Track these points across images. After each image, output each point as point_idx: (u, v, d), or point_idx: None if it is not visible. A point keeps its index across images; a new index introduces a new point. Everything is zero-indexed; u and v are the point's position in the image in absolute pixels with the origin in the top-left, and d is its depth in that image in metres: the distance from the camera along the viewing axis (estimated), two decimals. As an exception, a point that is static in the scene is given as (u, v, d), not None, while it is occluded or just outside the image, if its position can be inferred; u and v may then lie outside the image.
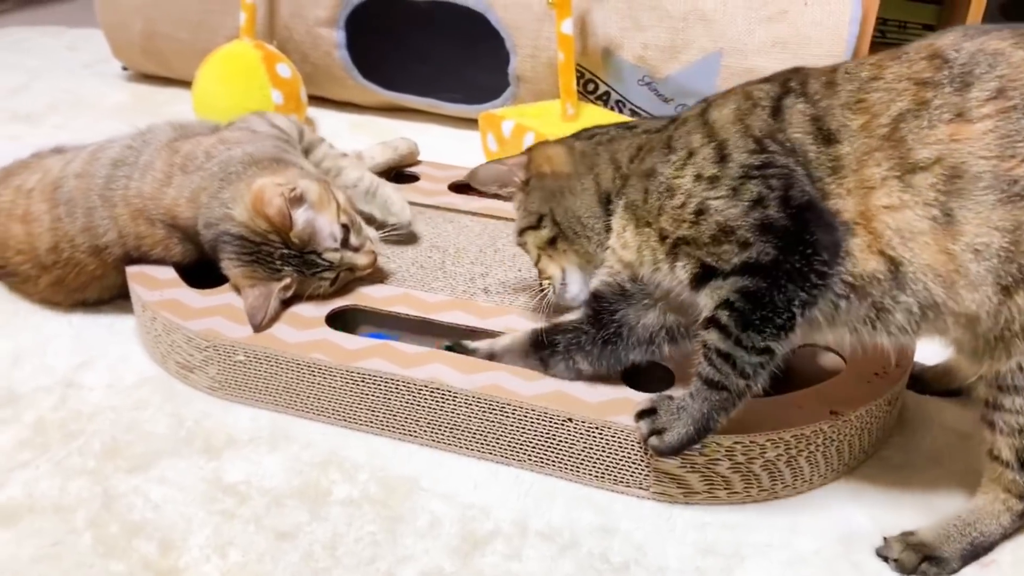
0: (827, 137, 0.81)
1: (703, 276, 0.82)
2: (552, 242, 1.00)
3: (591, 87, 1.74)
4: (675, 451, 0.85)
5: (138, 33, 2.02)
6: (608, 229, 0.95)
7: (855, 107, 0.81)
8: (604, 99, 1.74)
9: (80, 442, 1.00)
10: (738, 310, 0.79)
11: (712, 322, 0.81)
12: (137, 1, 1.97)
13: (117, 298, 1.22)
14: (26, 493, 0.93)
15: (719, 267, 0.80)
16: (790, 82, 0.86)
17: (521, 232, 1.04)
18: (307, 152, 1.30)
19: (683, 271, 0.84)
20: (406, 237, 1.27)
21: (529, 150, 1.05)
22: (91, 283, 1.18)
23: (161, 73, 2.13)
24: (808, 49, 1.56)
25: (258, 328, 1.03)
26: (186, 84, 1.90)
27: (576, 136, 1.04)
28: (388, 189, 1.27)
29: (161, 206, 1.11)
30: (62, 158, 1.24)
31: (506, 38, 1.73)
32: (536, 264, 1.04)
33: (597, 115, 1.64)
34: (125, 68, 2.23)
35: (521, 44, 1.72)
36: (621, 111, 1.74)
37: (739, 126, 0.84)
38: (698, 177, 0.83)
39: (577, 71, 1.66)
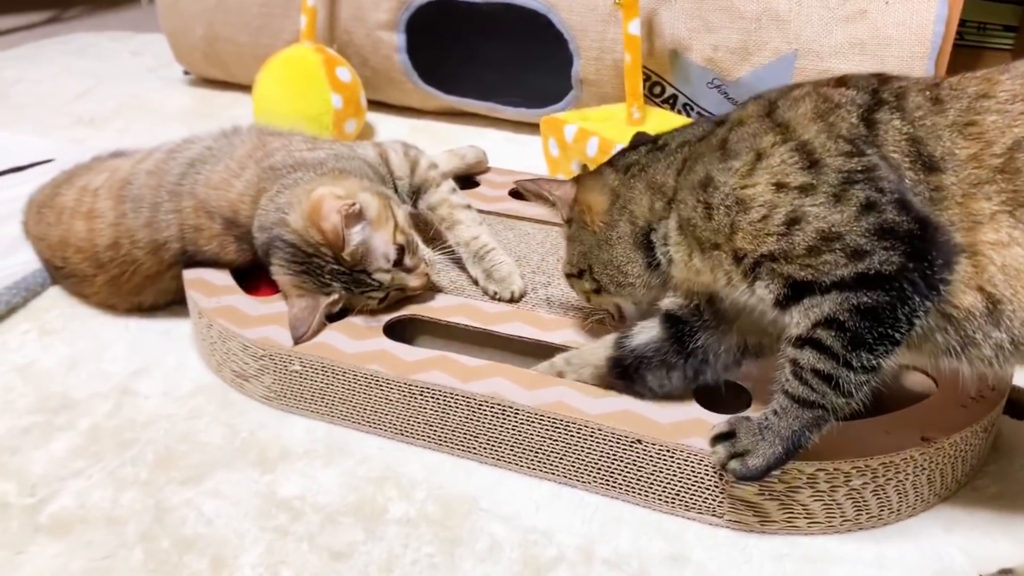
0: (928, 164, 0.73)
1: (793, 294, 0.74)
2: (597, 291, 0.97)
3: (657, 90, 1.68)
4: (760, 475, 0.79)
5: (200, 38, 2.03)
6: (656, 266, 0.88)
7: (965, 132, 0.73)
8: (671, 102, 1.69)
9: (134, 451, 0.98)
10: (848, 329, 0.71)
11: (808, 342, 0.74)
12: (199, 6, 1.98)
13: (173, 304, 1.20)
14: (78, 503, 0.91)
15: (816, 281, 0.72)
16: (881, 92, 0.78)
17: (567, 276, 1.00)
18: (418, 192, 1.23)
19: (766, 290, 0.76)
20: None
21: (577, 185, 0.97)
22: (146, 284, 1.16)
23: (222, 77, 2.14)
24: (889, 51, 1.48)
25: (298, 340, 1.00)
26: (247, 88, 1.90)
27: (613, 166, 0.95)
28: (500, 257, 1.15)
29: (224, 198, 1.10)
30: (131, 158, 1.24)
31: (569, 40, 1.68)
32: (587, 302, 1.00)
33: (664, 119, 1.59)
34: (187, 73, 2.24)
35: (585, 46, 1.67)
36: (688, 115, 1.68)
37: (821, 124, 0.76)
38: (781, 185, 0.75)
39: (643, 74, 1.60)
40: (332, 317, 1.05)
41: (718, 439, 0.81)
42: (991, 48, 2.41)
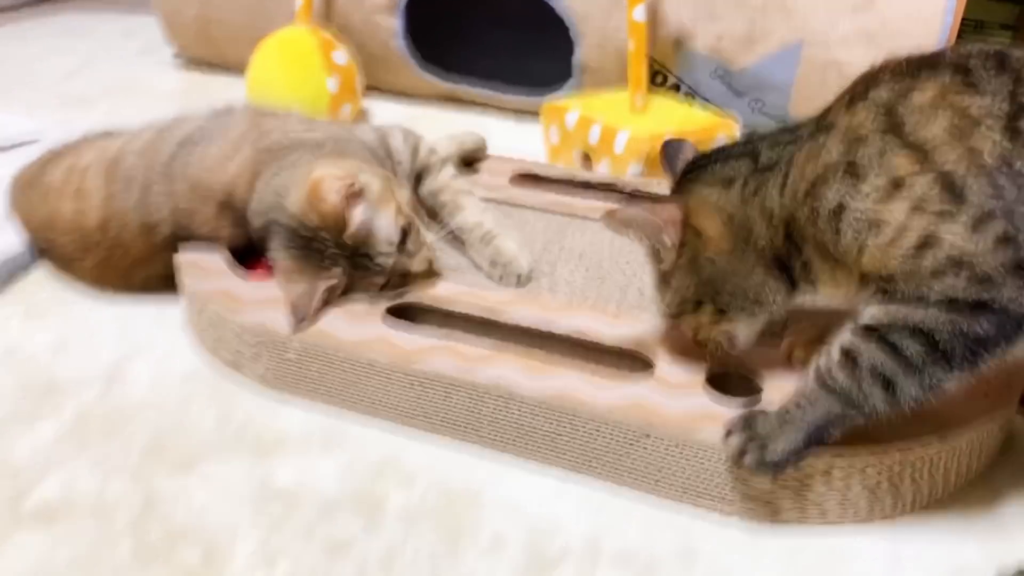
0: None
1: (890, 293, 0.72)
2: (718, 322, 0.87)
3: (660, 79, 1.65)
4: (776, 467, 0.76)
5: (192, 18, 1.98)
6: (795, 286, 0.83)
7: None
8: (673, 92, 1.66)
9: (123, 438, 0.94)
10: (940, 347, 0.70)
11: (881, 340, 0.71)
12: (192, -15, 1.94)
13: (164, 287, 1.16)
14: (64, 493, 0.87)
15: (925, 296, 0.70)
16: (1020, 96, 0.70)
17: (675, 316, 0.90)
18: (421, 176, 1.19)
19: (867, 294, 0.74)
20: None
21: (682, 202, 0.85)
22: (136, 267, 1.12)
23: (215, 60, 2.09)
24: (897, 41, 1.45)
25: (297, 327, 0.96)
26: (240, 71, 1.85)
27: (704, 181, 0.85)
28: (505, 242, 1.11)
29: (219, 180, 1.06)
30: (121, 137, 1.20)
31: (571, 26, 1.65)
32: (695, 339, 0.91)
33: (667, 107, 1.56)
34: (179, 55, 2.20)
35: (587, 32, 1.64)
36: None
37: (962, 151, 0.70)
38: (917, 209, 0.70)
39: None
40: (327, 303, 1.01)
41: (732, 431, 0.79)
42: (990, 46, 2.39)
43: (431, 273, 1.06)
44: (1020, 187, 0.68)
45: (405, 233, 1.01)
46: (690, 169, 0.89)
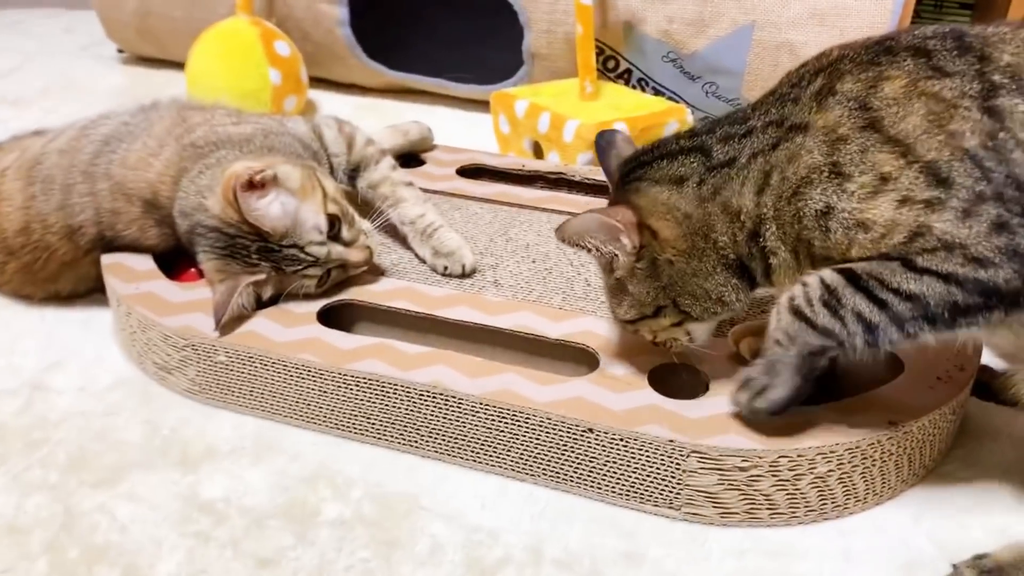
0: None
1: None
2: (679, 324, 0.84)
3: (611, 64, 1.62)
4: (783, 404, 0.78)
5: (132, 13, 1.92)
6: (754, 283, 0.81)
7: None
8: (625, 77, 1.63)
9: (43, 452, 0.90)
10: (928, 311, 0.69)
11: (865, 290, 0.71)
12: (130, -22, 1.87)
13: (93, 291, 1.12)
14: (-22, 511, 0.82)
15: (914, 264, 0.69)
16: (989, 74, 0.69)
17: (632, 322, 0.86)
18: (357, 169, 1.14)
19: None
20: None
21: (632, 203, 0.81)
22: (62, 271, 1.07)
23: (156, 55, 2.04)
24: (848, 21, 1.43)
25: (218, 326, 0.92)
26: (182, 66, 1.80)
27: (654, 180, 0.81)
28: (448, 233, 1.08)
29: (143, 179, 1.01)
30: (43, 137, 1.15)
31: (520, 12, 1.61)
32: (653, 341, 0.87)
33: (618, 94, 1.53)
34: (121, 51, 2.13)
35: (536, 18, 1.61)
36: (644, 90, 1.62)
37: (943, 137, 0.68)
38: (905, 202, 0.69)
39: (596, 47, 1.54)
40: (265, 304, 0.97)
41: (738, 390, 0.80)
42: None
43: (373, 264, 1.02)
44: (1007, 167, 0.67)
45: (337, 221, 0.97)
46: (631, 166, 0.85)
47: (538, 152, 1.48)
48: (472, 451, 0.87)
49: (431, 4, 1.77)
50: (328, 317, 0.97)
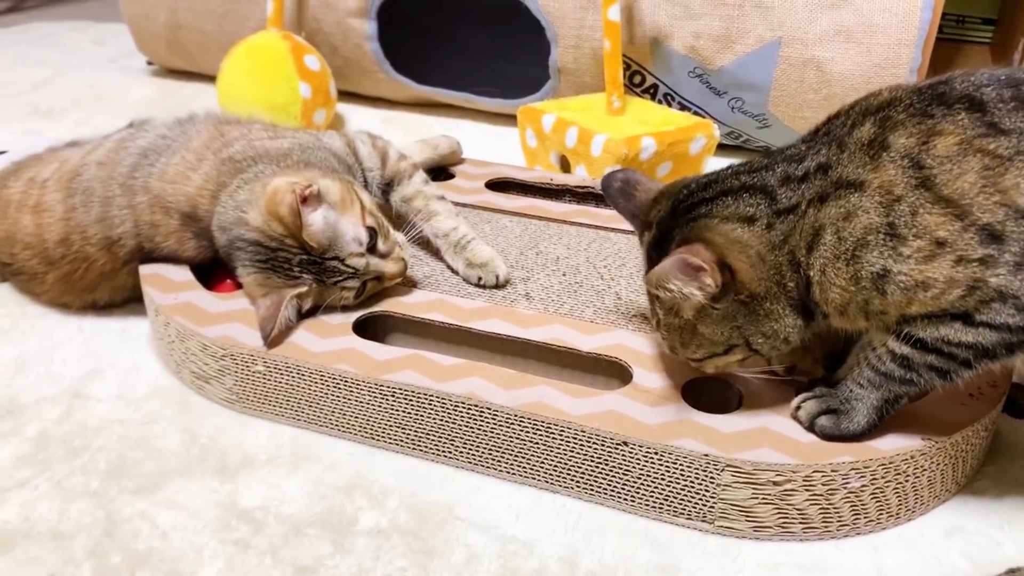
0: None
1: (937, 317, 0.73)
2: (742, 360, 0.84)
3: (637, 79, 1.63)
4: (851, 437, 0.81)
5: (162, 26, 1.95)
6: (812, 320, 0.81)
7: None
8: (651, 92, 1.64)
9: (84, 459, 0.91)
10: (989, 352, 0.73)
11: (934, 350, 0.75)
12: (162, -8, 1.91)
13: (129, 301, 1.14)
14: (23, 516, 0.84)
15: (972, 316, 0.71)
16: None
17: (699, 360, 0.85)
18: (390, 184, 1.16)
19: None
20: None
21: (706, 241, 0.78)
22: (100, 282, 1.09)
23: (186, 67, 2.07)
24: (875, 38, 1.44)
25: (267, 340, 0.93)
26: (212, 79, 1.83)
27: (731, 221, 0.78)
28: (480, 246, 1.09)
29: (182, 193, 1.03)
30: (83, 148, 1.17)
31: (547, 28, 1.63)
32: (710, 371, 0.87)
33: (645, 109, 1.54)
34: (150, 63, 2.16)
35: (563, 34, 1.62)
36: (669, 105, 1.63)
37: (999, 196, 0.68)
38: (961, 262, 0.70)
39: (623, 62, 1.55)
40: (302, 317, 0.98)
41: (803, 404, 0.83)
42: (970, 41, 2.38)
43: (406, 276, 1.03)
44: None
45: (374, 234, 0.98)
46: (688, 202, 0.82)
47: (565, 166, 1.49)
48: (506, 462, 0.88)
49: (458, 19, 1.79)
50: (362, 328, 0.99)
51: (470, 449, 0.89)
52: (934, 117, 0.72)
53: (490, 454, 0.88)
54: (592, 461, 0.84)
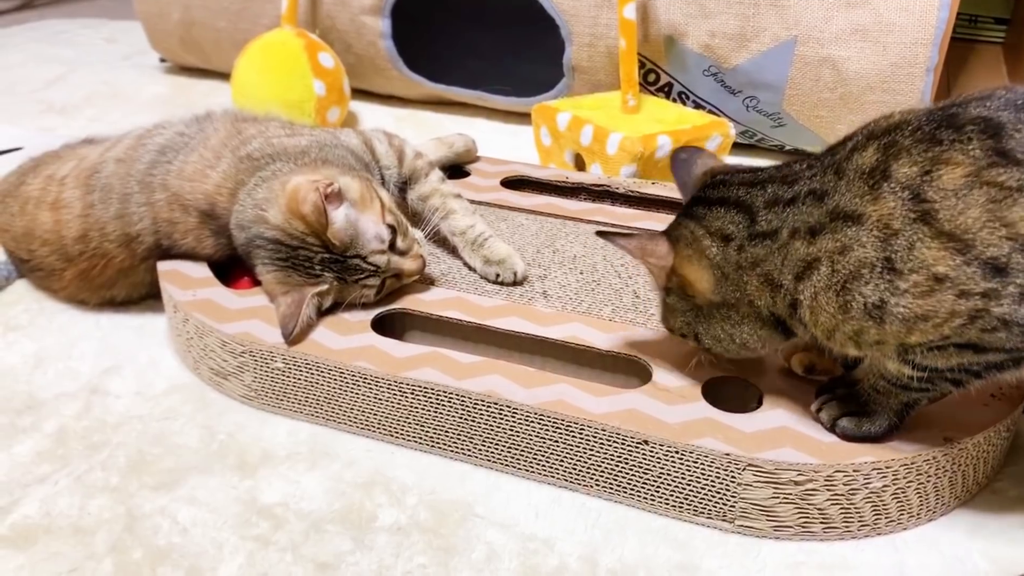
0: None
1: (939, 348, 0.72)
2: (707, 350, 0.86)
3: (652, 77, 1.63)
4: (871, 440, 0.81)
5: (176, 23, 1.95)
6: (790, 334, 0.81)
7: None
8: (666, 91, 1.64)
9: (104, 455, 0.92)
10: (997, 367, 0.73)
11: (945, 378, 0.75)
12: (176, -11, 1.91)
13: (147, 298, 1.14)
14: (43, 512, 0.84)
15: (980, 345, 0.70)
16: None
17: (671, 331, 0.88)
18: (407, 182, 1.16)
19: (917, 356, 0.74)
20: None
21: (672, 252, 0.82)
22: (118, 278, 1.10)
23: (200, 64, 2.07)
24: (891, 36, 1.43)
25: (289, 338, 0.93)
26: (225, 76, 1.83)
27: (704, 227, 0.81)
28: (497, 243, 1.10)
29: (200, 191, 1.03)
30: (101, 145, 1.17)
31: (561, 26, 1.63)
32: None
33: (659, 107, 1.54)
34: (163, 60, 2.17)
35: (578, 32, 1.62)
36: (684, 103, 1.62)
37: (1004, 230, 0.66)
38: (963, 295, 0.67)
39: (638, 61, 1.55)
40: (322, 314, 0.98)
41: (824, 404, 0.83)
42: (983, 41, 2.38)
43: (423, 273, 1.03)
44: None
45: (394, 231, 0.98)
46: (706, 192, 0.84)
47: (580, 164, 1.49)
48: (526, 460, 0.88)
49: (472, 17, 1.79)
50: (379, 326, 0.99)
51: (490, 447, 0.89)
52: (942, 144, 0.68)
53: (510, 452, 0.88)
54: (613, 460, 0.84)
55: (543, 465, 0.88)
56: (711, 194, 0.83)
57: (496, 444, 0.89)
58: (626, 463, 0.84)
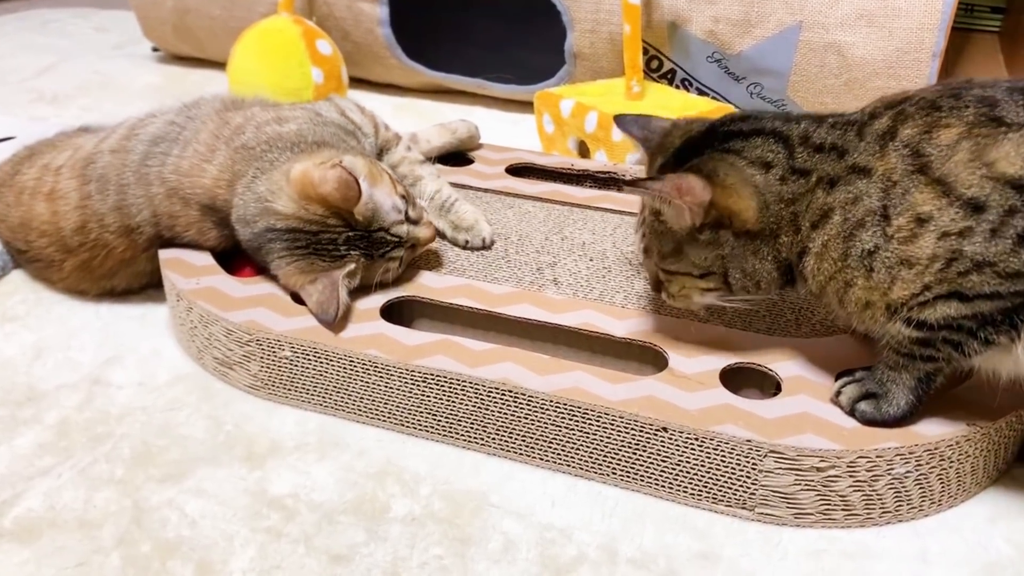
0: None
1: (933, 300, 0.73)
2: (709, 289, 0.86)
3: (655, 64, 1.61)
4: (892, 422, 0.80)
5: (169, 11, 1.92)
6: (791, 283, 0.84)
7: None
8: (669, 77, 1.62)
9: (108, 447, 0.89)
10: (989, 319, 0.72)
11: (943, 327, 0.74)
12: (169, -24, 1.88)
13: (147, 287, 1.12)
14: (47, 505, 0.82)
15: (963, 293, 0.72)
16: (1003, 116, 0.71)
17: (671, 273, 0.87)
18: (381, 152, 1.18)
19: (905, 313, 0.75)
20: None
21: (710, 184, 0.80)
22: (119, 268, 1.07)
23: (193, 54, 2.04)
24: (897, 21, 1.42)
25: (332, 324, 0.91)
26: (219, 65, 1.80)
27: (740, 154, 0.81)
28: (464, 206, 1.12)
29: (199, 185, 1.00)
30: (96, 135, 1.14)
31: (562, 12, 1.61)
32: (666, 291, 0.89)
33: (663, 94, 1.52)
34: (156, 49, 2.14)
35: (579, 18, 1.60)
36: (687, 90, 1.61)
37: (983, 170, 0.70)
38: (943, 236, 0.71)
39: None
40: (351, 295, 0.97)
41: (843, 390, 0.82)
42: (979, 30, 2.37)
43: (431, 250, 1.05)
44: None
45: (405, 202, 0.99)
46: (726, 129, 0.85)
47: (584, 151, 1.47)
48: (541, 449, 0.87)
49: (471, 4, 1.77)
50: (386, 315, 0.97)
51: (504, 436, 0.87)
52: (941, 110, 0.74)
53: (524, 441, 0.87)
54: (630, 447, 0.83)
55: (559, 453, 0.86)
56: (742, 127, 0.84)
57: (510, 432, 0.87)
58: (644, 451, 0.82)
